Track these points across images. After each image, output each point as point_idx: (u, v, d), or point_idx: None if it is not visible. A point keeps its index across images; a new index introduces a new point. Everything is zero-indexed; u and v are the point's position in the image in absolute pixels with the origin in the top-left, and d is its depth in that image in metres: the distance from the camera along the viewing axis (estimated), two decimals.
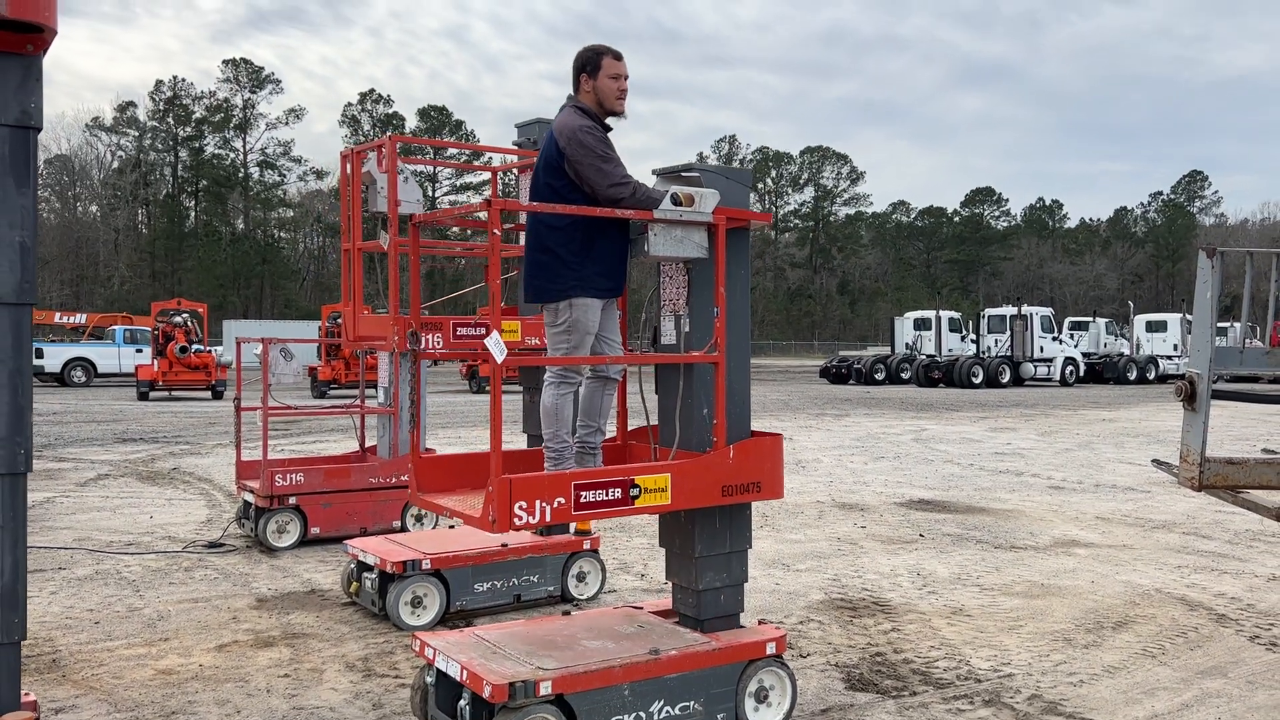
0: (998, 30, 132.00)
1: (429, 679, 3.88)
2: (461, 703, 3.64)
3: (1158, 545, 7.72)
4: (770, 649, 3.99)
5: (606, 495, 3.57)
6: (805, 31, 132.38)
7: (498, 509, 3.39)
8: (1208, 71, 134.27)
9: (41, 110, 3.05)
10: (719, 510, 4.00)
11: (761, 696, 3.98)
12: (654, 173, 4.17)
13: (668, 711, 3.75)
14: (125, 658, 4.93)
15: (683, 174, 3.99)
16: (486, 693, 3.44)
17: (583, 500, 3.54)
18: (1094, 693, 4.52)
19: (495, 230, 3.44)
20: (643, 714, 3.69)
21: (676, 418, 4.03)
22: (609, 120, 4.12)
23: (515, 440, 6.78)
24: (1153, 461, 6.28)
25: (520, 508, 3.42)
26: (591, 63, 4.08)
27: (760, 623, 4.25)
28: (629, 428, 4.55)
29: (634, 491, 3.62)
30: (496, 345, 3.37)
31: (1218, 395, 4.76)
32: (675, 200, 3.76)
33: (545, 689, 3.48)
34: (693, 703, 3.80)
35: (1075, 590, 6.34)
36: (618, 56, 4.12)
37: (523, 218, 5.32)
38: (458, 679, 3.63)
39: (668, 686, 3.74)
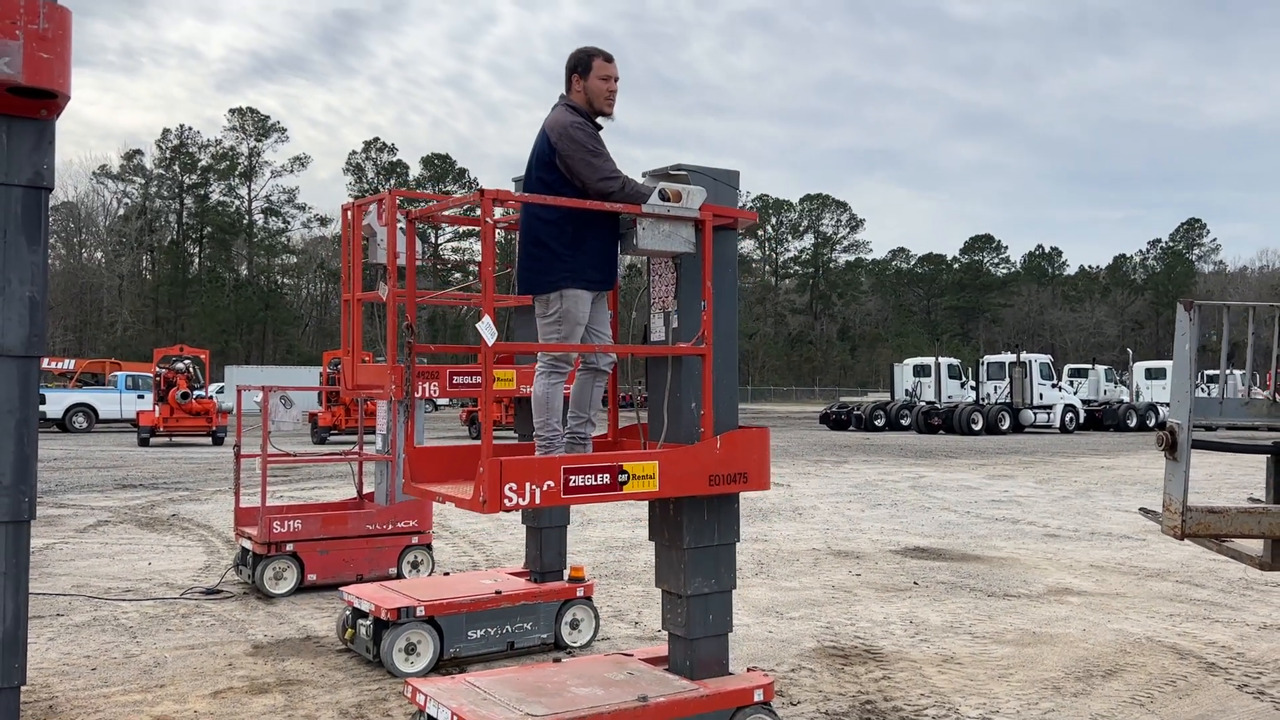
0: (992, 80, 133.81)
1: None
2: None
3: (1151, 594, 7.75)
4: (758, 696, 4.04)
5: (595, 480, 3.65)
6: (803, 82, 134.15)
7: (488, 490, 3.46)
8: (1202, 121, 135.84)
9: (53, 171, 3.18)
10: (706, 501, 4.07)
11: None
12: (644, 174, 4.30)
13: None
14: (121, 704, 4.97)
15: (671, 173, 4.13)
16: None
17: (571, 484, 3.62)
18: None
19: (488, 219, 3.57)
20: None
21: (664, 411, 4.13)
22: (599, 121, 4.28)
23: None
24: (1140, 510, 6.34)
25: (510, 489, 3.49)
26: (583, 64, 4.25)
27: (749, 670, 4.30)
28: (619, 425, 4.63)
29: (622, 478, 3.70)
30: (488, 329, 3.49)
31: (1198, 445, 4.85)
32: (663, 196, 3.89)
33: None
34: None
35: (1067, 638, 6.37)
36: (608, 59, 4.29)
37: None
38: None
39: None
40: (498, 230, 7.39)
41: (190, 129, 77.43)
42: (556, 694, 3.88)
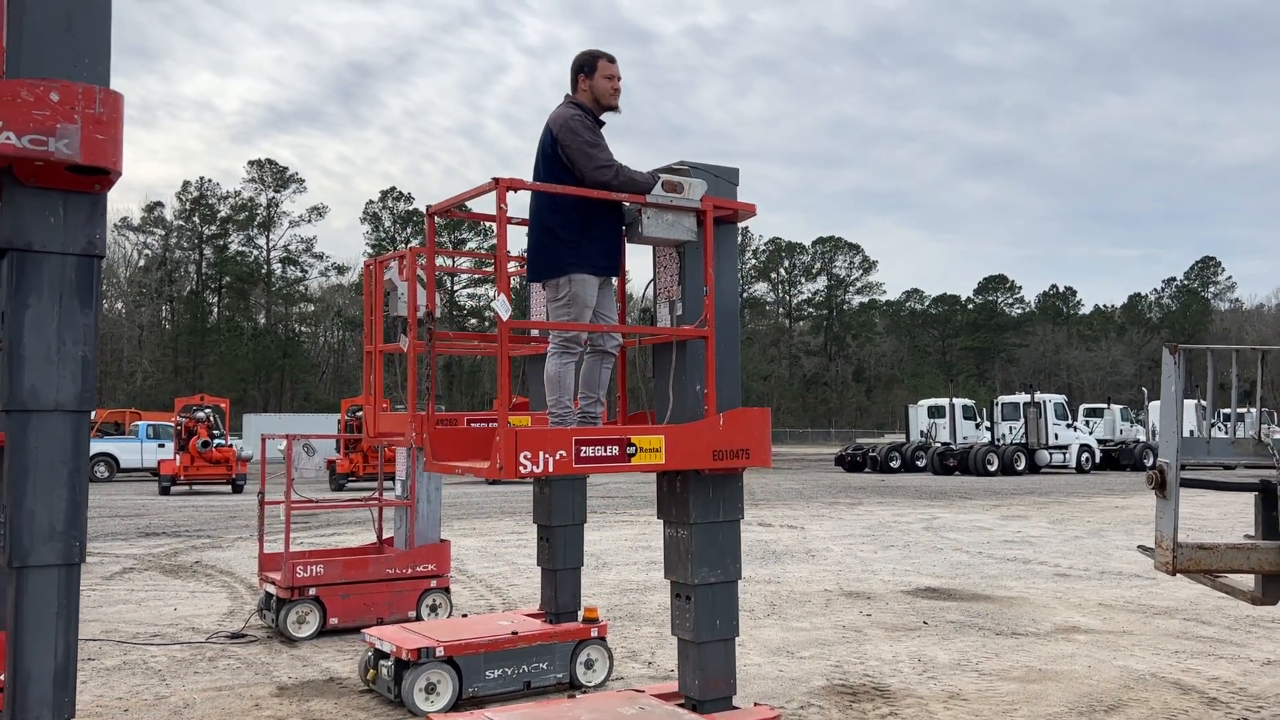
0: (1000, 121, 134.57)
1: None
2: None
3: (1158, 631, 7.86)
4: None
5: (605, 451, 3.88)
6: (811, 125, 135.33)
7: (505, 457, 3.68)
8: (1213, 159, 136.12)
9: (104, 240, 3.46)
10: (711, 479, 4.28)
11: None
12: (650, 170, 4.58)
13: None
14: None
15: (675, 167, 4.41)
16: None
17: (582, 454, 3.84)
18: None
19: (502, 205, 3.85)
20: None
21: (670, 393, 4.37)
22: (606, 116, 4.63)
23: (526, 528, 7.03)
24: (1139, 547, 6.49)
25: (525, 457, 3.71)
26: (589, 65, 4.61)
27: (755, 704, 4.47)
28: (629, 411, 4.86)
29: (630, 450, 3.93)
30: (502, 306, 3.75)
31: (1187, 484, 5.03)
32: (665, 187, 4.18)
33: None
34: None
35: (1072, 675, 6.50)
36: (611, 60, 4.66)
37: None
38: None
39: None
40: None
41: (210, 180, 78.83)
42: None
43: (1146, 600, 9.22)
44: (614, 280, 4.67)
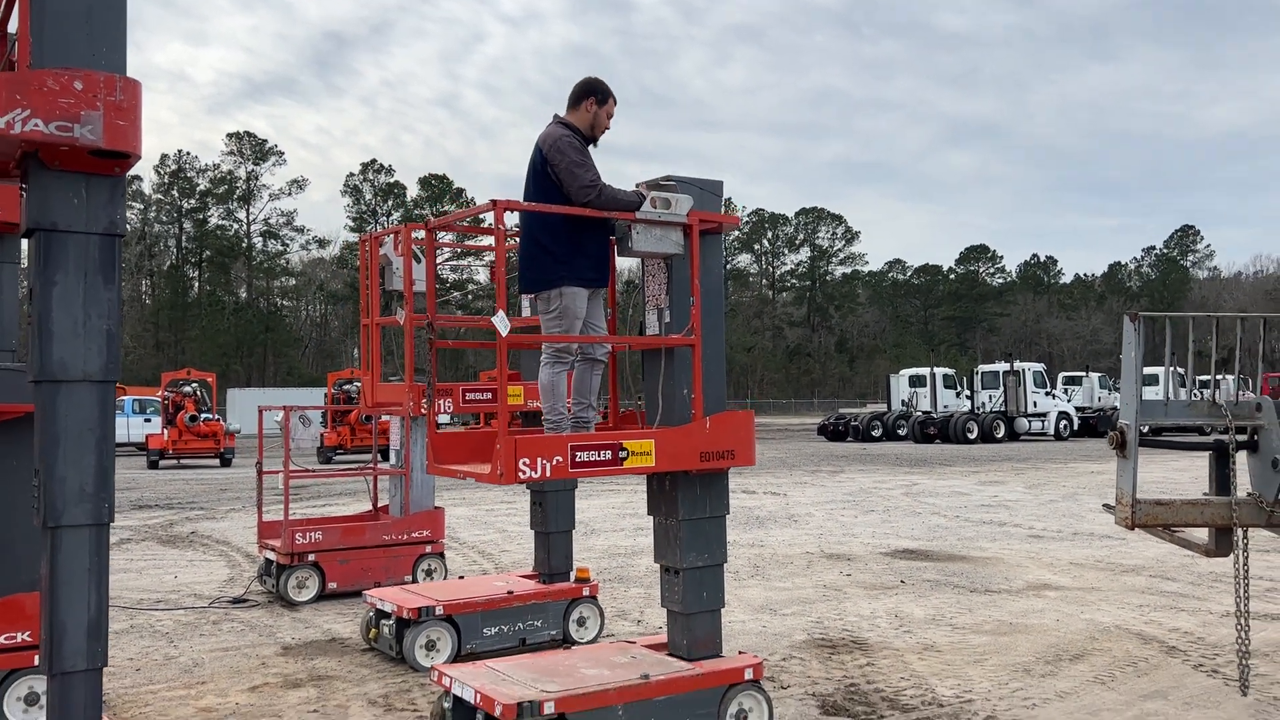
0: (983, 90, 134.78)
1: (446, 705, 4.39)
2: None
3: (1124, 587, 8.21)
4: (748, 675, 4.50)
5: (599, 456, 4.13)
6: (793, 95, 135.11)
7: (505, 464, 3.93)
8: (1193, 127, 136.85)
9: (125, 219, 3.66)
10: (698, 478, 4.55)
11: (741, 718, 4.48)
12: (637, 184, 4.79)
13: None
14: (167, 699, 5.43)
15: (662, 183, 4.62)
16: (497, 712, 3.96)
17: (578, 459, 4.09)
18: (1044, 714, 5.01)
19: (500, 225, 4.07)
20: None
21: (659, 397, 4.62)
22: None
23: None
24: (1104, 506, 6.81)
25: (524, 463, 3.96)
26: (603, 94, 4.79)
27: (740, 653, 4.76)
28: (620, 411, 5.12)
29: (623, 454, 4.19)
30: (501, 322, 3.98)
31: (1146, 443, 5.33)
32: (653, 203, 4.40)
33: (549, 708, 4.00)
34: None
35: (1041, 628, 6.83)
36: (615, 101, 4.86)
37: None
38: (472, 702, 4.14)
39: (656, 708, 4.25)
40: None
41: (187, 153, 78.38)
42: (568, 674, 4.35)
43: (1115, 559, 9.58)
44: (604, 290, 4.89)
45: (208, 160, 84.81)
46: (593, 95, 4.76)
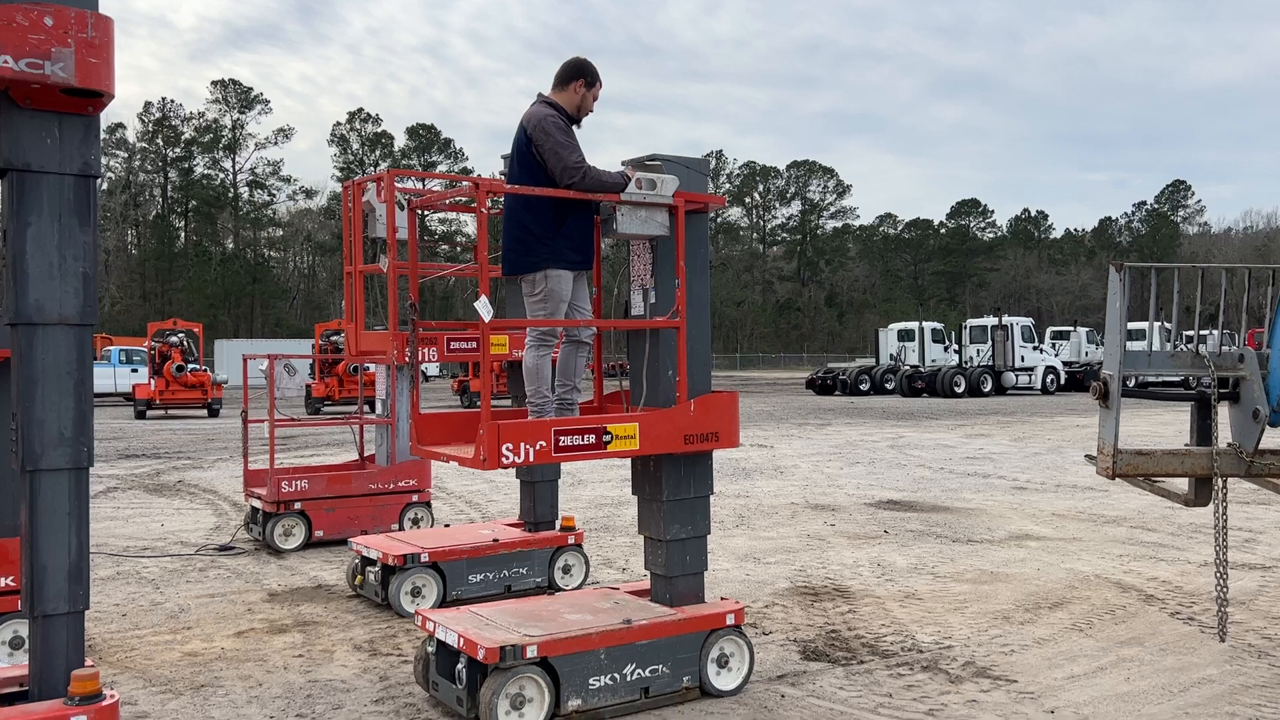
0: (974, 41, 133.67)
1: (430, 649, 4.42)
2: (459, 666, 4.17)
3: (1105, 538, 8.29)
4: (730, 620, 4.54)
5: (582, 440, 4.13)
6: (783, 45, 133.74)
7: (488, 449, 3.93)
8: (1185, 81, 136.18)
9: (100, 160, 3.60)
10: (682, 459, 4.55)
11: (723, 662, 4.53)
12: (623, 162, 4.74)
13: (639, 674, 4.29)
14: (154, 643, 5.46)
15: (647, 163, 4.57)
16: (480, 655, 3.99)
17: (561, 444, 4.09)
18: (1022, 660, 5.08)
19: (483, 209, 4.02)
20: (617, 675, 4.24)
21: (644, 378, 4.61)
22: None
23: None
24: (1086, 457, 6.85)
25: (507, 448, 3.96)
26: (591, 76, 4.73)
27: (722, 599, 4.80)
28: (604, 393, 5.11)
29: (606, 438, 4.19)
30: (484, 308, 3.95)
31: (1129, 394, 5.35)
32: (638, 184, 4.34)
33: (531, 652, 4.03)
34: (661, 666, 4.34)
35: (1021, 577, 6.90)
36: (602, 85, 4.78)
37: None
38: (455, 646, 4.17)
39: (639, 652, 4.29)
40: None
41: (172, 101, 77.22)
42: (551, 619, 4.37)
43: (1097, 510, 9.67)
44: (589, 270, 4.84)
45: (192, 108, 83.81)
46: (582, 77, 4.70)
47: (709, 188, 4.68)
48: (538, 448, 4.04)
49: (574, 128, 4.66)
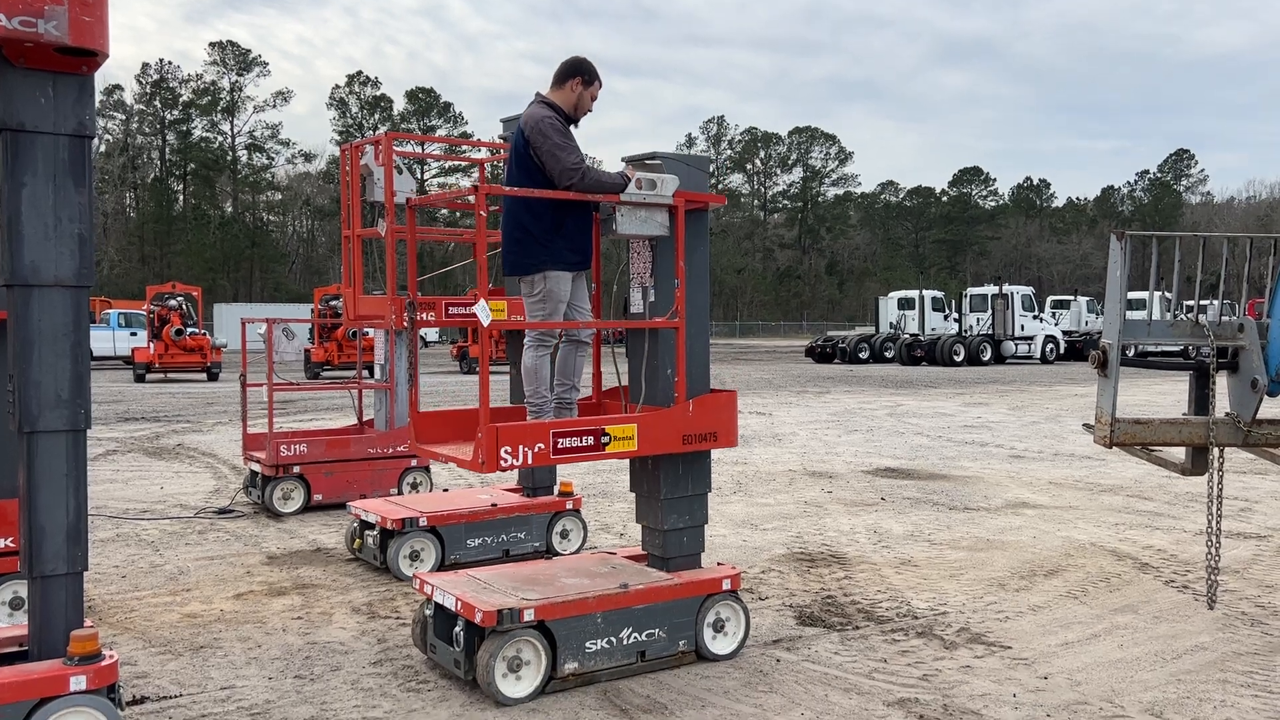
0: (977, 7, 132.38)
1: (428, 612, 4.45)
2: (456, 629, 4.20)
3: (1101, 506, 8.33)
4: (726, 585, 4.56)
5: (580, 442, 4.14)
6: (785, 9, 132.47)
7: (486, 452, 3.95)
8: (1189, 49, 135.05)
9: (95, 121, 3.57)
10: (681, 457, 4.56)
11: (719, 627, 4.56)
12: (623, 159, 4.71)
13: (635, 638, 4.32)
14: (153, 605, 5.49)
15: (647, 161, 4.53)
16: (478, 619, 4.01)
17: (559, 446, 4.10)
18: (1016, 626, 5.11)
19: (482, 212, 3.99)
20: (614, 639, 4.26)
21: (643, 377, 4.60)
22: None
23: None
24: (1083, 425, 6.86)
25: (505, 451, 3.98)
26: (589, 75, 4.70)
27: (719, 564, 4.82)
28: (603, 389, 5.11)
29: (605, 439, 4.20)
30: (484, 312, 3.93)
31: (1128, 363, 5.35)
32: (638, 184, 4.31)
33: (529, 616, 4.05)
34: (658, 630, 4.37)
35: (1017, 544, 6.94)
36: (601, 84, 4.75)
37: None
38: (453, 609, 4.19)
39: (635, 616, 4.31)
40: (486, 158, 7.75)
41: (169, 63, 76.47)
42: (548, 583, 4.40)
43: (1094, 479, 9.70)
44: (588, 270, 4.82)
45: (190, 70, 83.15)
46: (579, 75, 4.66)
47: (709, 186, 4.66)
48: (536, 450, 4.06)
49: (572, 127, 4.64)
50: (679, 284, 4.42)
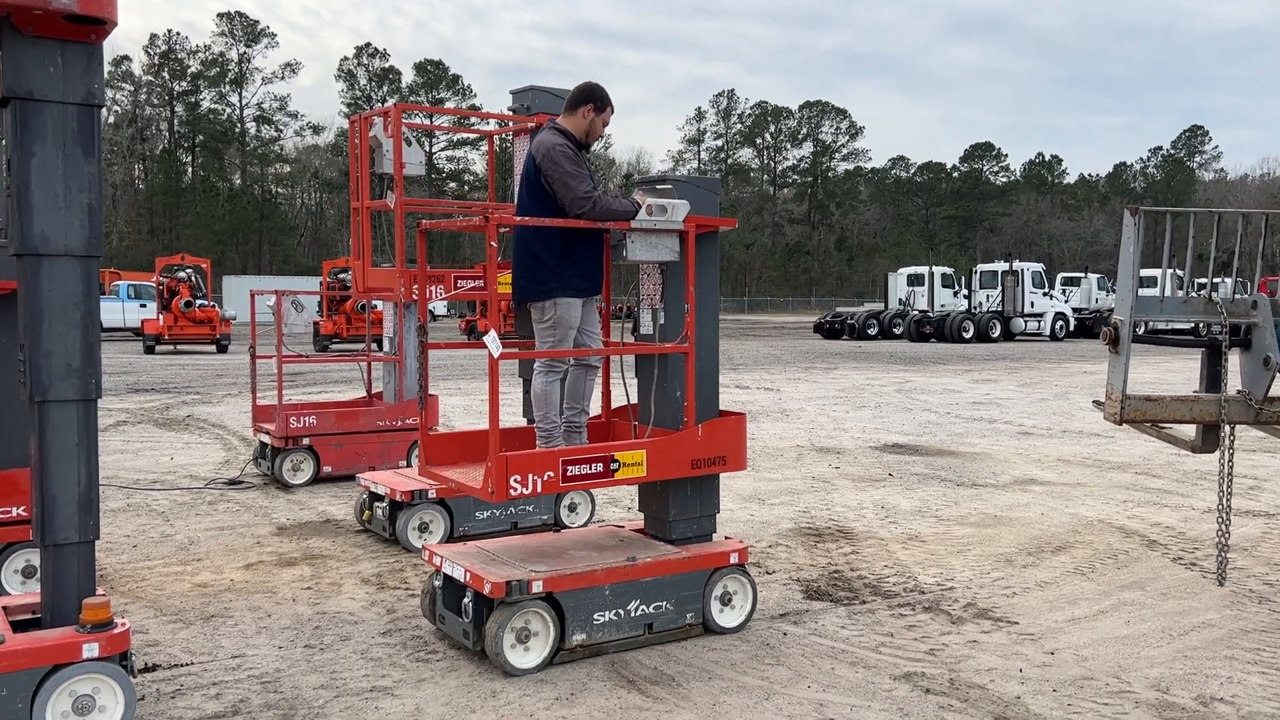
0: None
1: (437, 583, 4.47)
2: (465, 600, 4.22)
3: (1110, 483, 8.32)
4: (733, 559, 4.58)
5: (590, 469, 4.19)
6: None
7: (496, 482, 3.99)
8: (1204, 23, 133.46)
9: (104, 90, 3.55)
10: (690, 480, 4.60)
11: (726, 600, 4.58)
12: (634, 182, 4.73)
13: (643, 610, 4.34)
14: (164, 574, 5.53)
15: (658, 186, 4.53)
16: (487, 590, 4.03)
17: (569, 474, 4.15)
18: (1023, 602, 5.12)
19: (492, 243, 4.00)
20: (621, 611, 4.28)
21: (653, 399, 4.64)
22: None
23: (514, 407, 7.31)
24: (1093, 402, 6.84)
25: (515, 480, 4.02)
26: (602, 101, 4.68)
27: (726, 538, 4.83)
28: (612, 406, 5.13)
29: (614, 465, 4.25)
30: (494, 343, 3.95)
31: (1139, 340, 5.32)
32: (648, 210, 4.32)
33: (537, 587, 4.07)
34: (665, 603, 4.39)
35: (1025, 521, 6.94)
36: (613, 110, 4.76)
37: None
38: (462, 580, 4.21)
39: (643, 589, 4.33)
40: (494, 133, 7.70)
41: (178, 34, 76.14)
42: (556, 556, 4.41)
43: (1103, 456, 9.68)
44: (598, 294, 4.82)
45: (198, 41, 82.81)
46: (591, 102, 4.65)
47: (719, 207, 4.64)
48: (545, 478, 4.10)
49: (583, 152, 4.64)
50: (689, 308, 4.44)
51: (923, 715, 3.70)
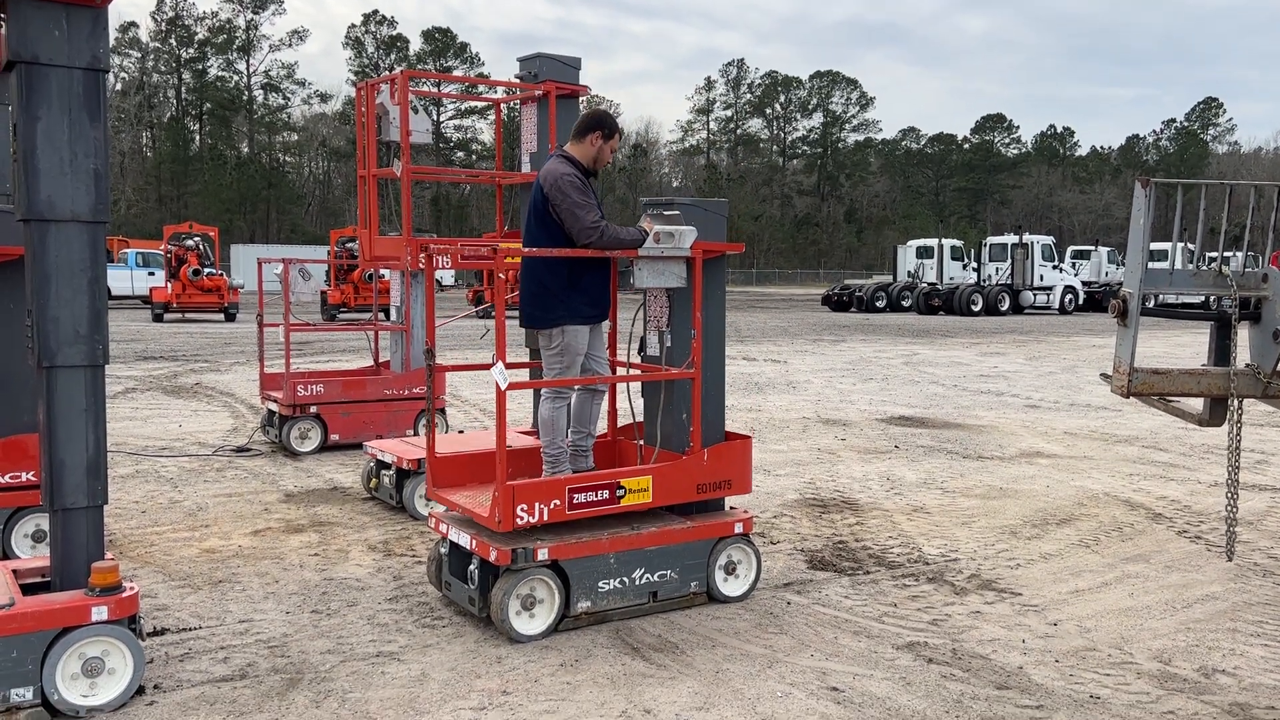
0: None
1: (443, 550, 4.50)
2: (471, 568, 4.25)
3: (1116, 457, 8.31)
4: (738, 529, 4.59)
5: (596, 496, 4.22)
6: None
7: (502, 511, 4.01)
8: None
9: (109, 54, 3.54)
10: (695, 504, 4.61)
11: (730, 569, 4.60)
12: (643, 201, 4.71)
13: (648, 578, 4.36)
14: (173, 540, 5.57)
15: (665, 211, 4.50)
16: (493, 557, 4.05)
17: (575, 501, 4.18)
18: (1027, 574, 5.13)
19: (500, 275, 3.98)
20: (626, 579, 4.31)
21: (659, 421, 4.65)
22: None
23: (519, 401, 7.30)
24: (1100, 375, 6.82)
25: (522, 509, 4.05)
26: (609, 129, 4.68)
27: (731, 508, 4.85)
28: (618, 425, 5.14)
29: (620, 492, 4.28)
30: (501, 374, 3.97)
31: (1148, 312, 5.29)
32: (655, 238, 4.31)
33: (543, 555, 4.09)
34: (669, 572, 4.41)
35: (1030, 493, 6.94)
36: (621, 135, 4.78)
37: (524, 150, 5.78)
38: (468, 548, 4.24)
39: (647, 557, 4.35)
40: (502, 102, 7.65)
41: (185, 0, 75.65)
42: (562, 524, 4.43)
43: (1110, 430, 9.67)
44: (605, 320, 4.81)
45: (205, 7, 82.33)
46: (599, 129, 4.64)
47: (726, 230, 4.62)
48: (551, 506, 4.13)
49: (591, 179, 4.63)
50: (695, 334, 4.43)
51: (925, 685, 3.73)
